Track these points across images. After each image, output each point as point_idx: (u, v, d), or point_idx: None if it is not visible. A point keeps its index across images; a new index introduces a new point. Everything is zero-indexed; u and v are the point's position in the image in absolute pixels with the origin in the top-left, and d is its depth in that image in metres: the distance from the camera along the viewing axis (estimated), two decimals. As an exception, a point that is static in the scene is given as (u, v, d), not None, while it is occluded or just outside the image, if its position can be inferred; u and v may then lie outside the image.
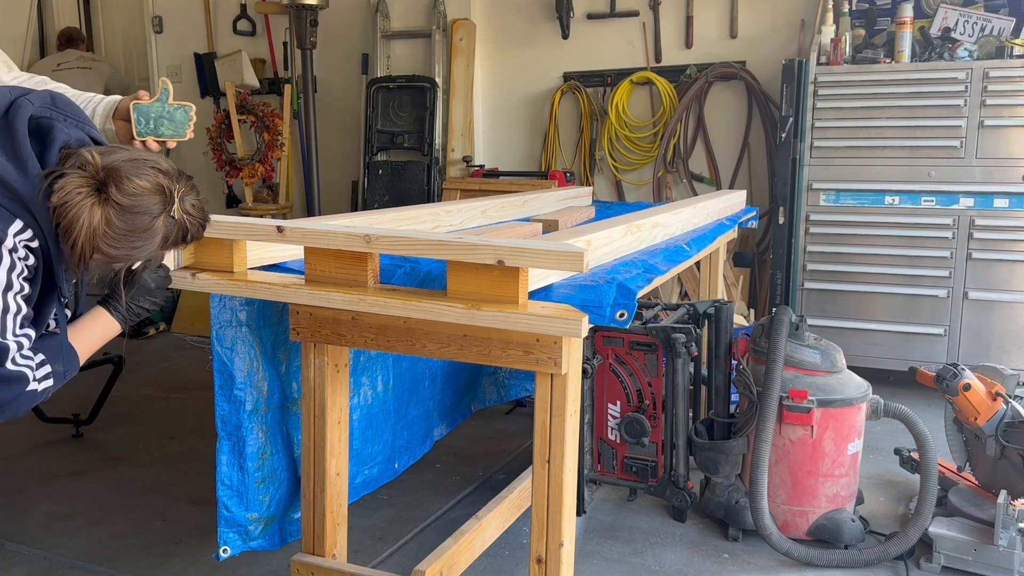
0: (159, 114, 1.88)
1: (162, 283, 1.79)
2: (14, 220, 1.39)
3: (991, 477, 2.64)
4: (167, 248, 1.55)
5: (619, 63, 5.27)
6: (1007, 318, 4.03)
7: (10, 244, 1.39)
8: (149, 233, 1.47)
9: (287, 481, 2.24)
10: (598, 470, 2.91)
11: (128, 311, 1.71)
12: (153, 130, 1.89)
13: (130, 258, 1.52)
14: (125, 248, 1.46)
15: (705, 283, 3.83)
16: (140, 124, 1.85)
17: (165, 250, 1.56)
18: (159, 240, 1.50)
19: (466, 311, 1.70)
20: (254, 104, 5.89)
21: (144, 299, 1.75)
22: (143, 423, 3.87)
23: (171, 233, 1.51)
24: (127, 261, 1.54)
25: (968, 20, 4.17)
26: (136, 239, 1.46)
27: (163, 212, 1.47)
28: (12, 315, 1.42)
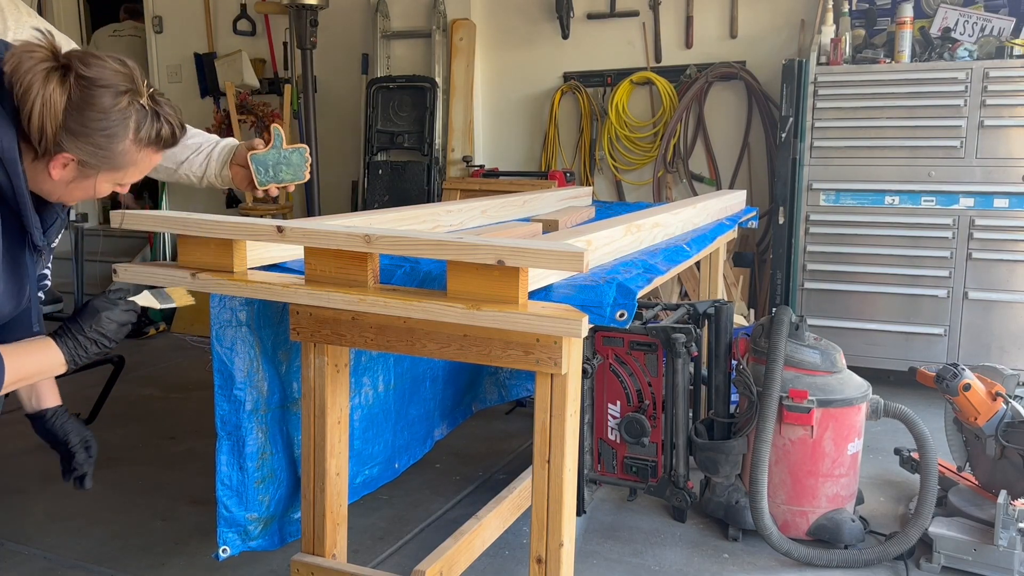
0: (276, 160, 1.89)
1: (124, 319, 1.58)
2: None
3: (991, 477, 2.64)
4: (141, 145, 1.42)
5: (619, 63, 5.27)
6: (1007, 318, 4.03)
7: None
8: (118, 113, 1.36)
9: (287, 481, 2.24)
10: (598, 470, 2.91)
11: (77, 346, 1.50)
12: (273, 177, 1.91)
13: (103, 152, 1.38)
14: (94, 132, 1.35)
15: (705, 283, 3.83)
16: (260, 173, 1.88)
17: (140, 147, 1.42)
18: (131, 127, 1.38)
19: (466, 311, 1.70)
20: (254, 104, 5.90)
21: (99, 335, 1.52)
22: (143, 423, 3.87)
23: (143, 122, 1.40)
24: (100, 159, 1.39)
25: (968, 20, 4.17)
26: (104, 119, 1.35)
27: (130, 91, 1.38)
28: None
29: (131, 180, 1.50)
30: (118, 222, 1.98)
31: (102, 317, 1.53)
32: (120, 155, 1.41)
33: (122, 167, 1.43)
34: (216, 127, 5.94)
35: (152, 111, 1.42)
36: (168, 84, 6.69)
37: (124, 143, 1.39)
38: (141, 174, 1.50)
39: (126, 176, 1.47)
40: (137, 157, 1.44)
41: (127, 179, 1.48)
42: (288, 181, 1.92)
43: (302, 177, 1.94)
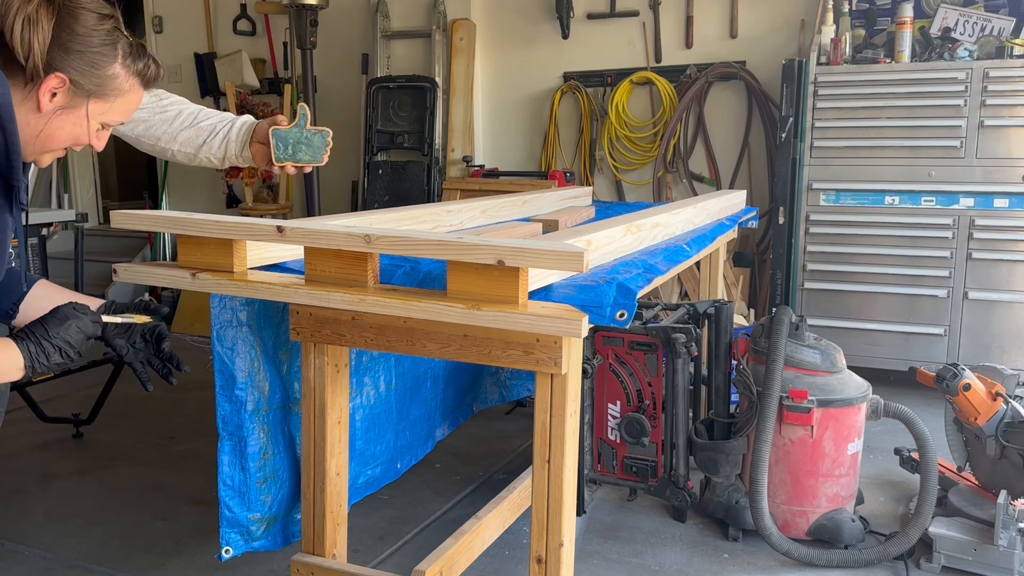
0: (297, 139, 1.87)
1: (92, 331, 1.50)
2: None
3: (991, 477, 2.64)
4: (130, 73, 1.41)
5: (619, 63, 5.27)
6: (1007, 318, 4.03)
7: None
8: (106, 34, 1.36)
9: (289, 481, 2.24)
10: (598, 470, 2.91)
11: (40, 352, 1.41)
12: (292, 155, 1.89)
13: (96, 72, 1.36)
14: (86, 49, 1.34)
15: (705, 283, 3.83)
16: (279, 150, 1.85)
17: (128, 75, 1.41)
18: (120, 51, 1.38)
19: (466, 311, 1.70)
20: (254, 104, 5.90)
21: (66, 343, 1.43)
22: (143, 423, 3.87)
23: (129, 51, 1.40)
24: (93, 80, 1.37)
25: (968, 20, 4.18)
26: (94, 37, 1.35)
27: (113, 19, 1.39)
28: None
29: (115, 119, 1.46)
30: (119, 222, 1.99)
31: (71, 325, 1.45)
32: (111, 79, 1.39)
33: (111, 95, 1.41)
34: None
35: (138, 46, 1.43)
36: (168, 84, 6.69)
37: (115, 66, 1.39)
38: (124, 115, 1.48)
39: (112, 110, 1.44)
40: (125, 86, 1.42)
41: (112, 115, 1.45)
42: (306, 162, 1.90)
43: (320, 160, 1.92)
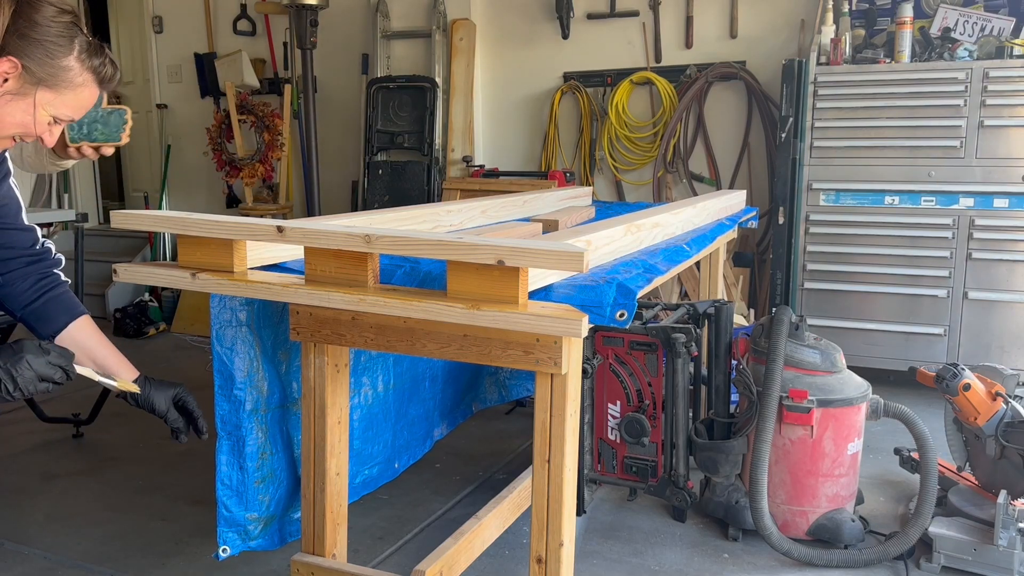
0: (92, 119, 1.79)
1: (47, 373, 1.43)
2: None
3: (991, 477, 2.64)
4: (84, 67, 1.43)
5: (619, 63, 5.27)
6: (1007, 318, 4.03)
7: None
8: (62, 26, 1.39)
9: (287, 481, 2.24)
10: (598, 470, 2.91)
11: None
12: (86, 135, 1.81)
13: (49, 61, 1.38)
14: (42, 37, 1.36)
15: (705, 283, 3.83)
16: (72, 130, 1.77)
17: (83, 70, 1.43)
18: (76, 46, 1.41)
19: (466, 311, 1.70)
20: (254, 104, 5.90)
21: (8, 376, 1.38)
22: (143, 423, 3.87)
23: (86, 46, 1.43)
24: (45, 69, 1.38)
25: (968, 20, 4.18)
26: (50, 28, 1.37)
27: (72, 14, 1.41)
28: None
29: (66, 112, 1.47)
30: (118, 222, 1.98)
31: (24, 359, 1.40)
32: (64, 71, 1.41)
33: (62, 87, 1.43)
34: (216, 127, 5.94)
35: (96, 45, 1.46)
36: (168, 84, 6.70)
37: (69, 59, 1.41)
38: (76, 110, 1.49)
39: (63, 103, 1.45)
40: (78, 80, 1.44)
41: (63, 108, 1.46)
42: (102, 141, 1.80)
43: (118, 139, 1.82)
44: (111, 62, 1.49)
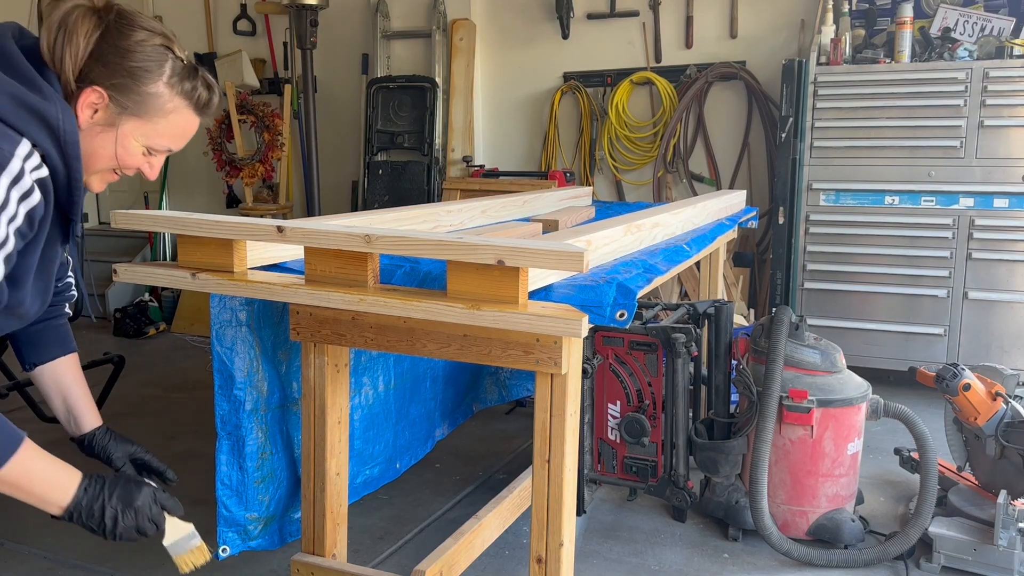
0: None
1: (145, 526, 1.38)
2: (20, 140, 1.16)
3: (991, 477, 2.64)
4: (175, 92, 1.32)
5: (619, 63, 5.27)
6: (1007, 318, 4.03)
7: (14, 170, 1.14)
8: (152, 49, 1.29)
9: (287, 481, 2.24)
10: (598, 470, 2.91)
11: (92, 503, 1.34)
12: None
13: (134, 87, 1.28)
14: (125, 61, 1.27)
15: (705, 283, 3.83)
16: None
17: (173, 94, 1.32)
18: (166, 70, 1.30)
19: (466, 311, 1.70)
20: (254, 104, 5.90)
21: (116, 514, 1.35)
22: (143, 423, 3.87)
23: (178, 70, 1.32)
24: (131, 96, 1.29)
25: (968, 20, 4.17)
26: (137, 51, 1.27)
27: (164, 36, 1.32)
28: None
29: (161, 142, 1.37)
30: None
31: (135, 507, 1.37)
32: (151, 98, 1.30)
33: (151, 115, 1.32)
34: (216, 127, 5.94)
35: (190, 67, 1.35)
36: (168, 84, 6.69)
37: (156, 84, 1.30)
38: (173, 139, 1.38)
39: (155, 132, 1.34)
40: (168, 106, 1.33)
41: (156, 138, 1.35)
42: None
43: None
44: (207, 85, 1.37)
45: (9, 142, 1.14)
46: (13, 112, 1.16)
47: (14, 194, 1.15)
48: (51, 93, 1.21)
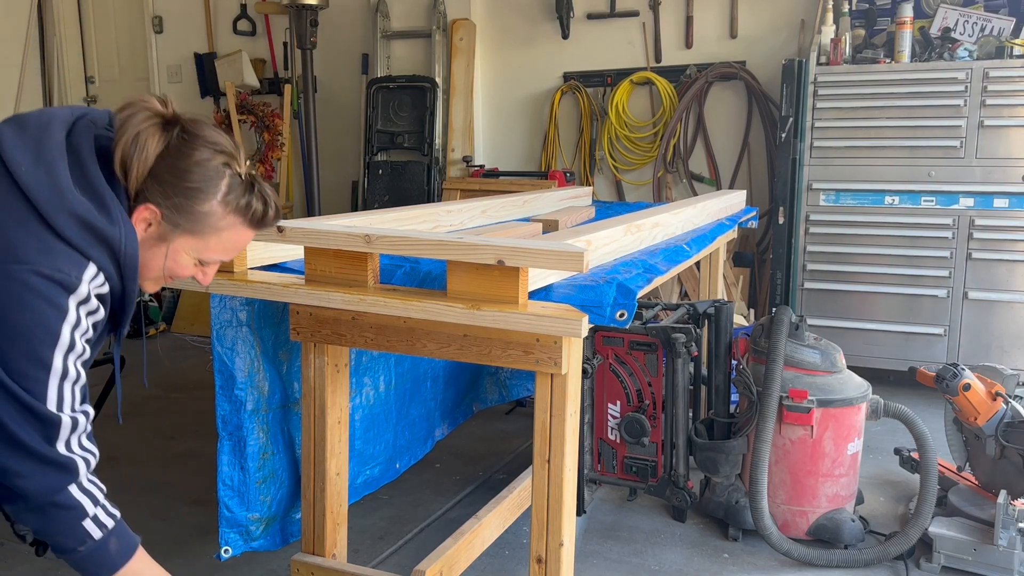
0: None
1: None
2: (87, 264, 1.20)
3: (991, 477, 2.64)
4: (228, 210, 1.31)
5: (619, 63, 5.27)
6: (1007, 318, 4.03)
7: (83, 293, 1.19)
8: (211, 169, 1.29)
9: (288, 481, 2.25)
10: (598, 470, 2.91)
11: None
12: None
13: (187, 207, 1.29)
14: (180, 182, 1.27)
15: (705, 283, 3.83)
16: None
17: (226, 213, 1.32)
18: (221, 189, 1.30)
19: (466, 311, 1.70)
20: (254, 104, 5.90)
21: None
22: (143, 423, 3.87)
23: (234, 187, 1.31)
24: (183, 215, 1.29)
25: (968, 20, 4.18)
26: (195, 172, 1.28)
27: (227, 154, 1.31)
28: (72, 383, 1.21)
29: (213, 256, 1.38)
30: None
31: None
32: (203, 216, 1.30)
33: (203, 232, 1.33)
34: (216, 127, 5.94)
35: (248, 182, 1.35)
36: (168, 84, 6.69)
37: (210, 203, 1.30)
38: (225, 252, 1.38)
39: (207, 247, 1.35)
40: (221, 224, 1.33)
41: (208, 252, 1.36)
42: None
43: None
44: (263, 199, 1.36)
45: (78, 267, 1.19)
46: (81, 236, 1.19)
47: (82, 311, 1.21)
48: (117, 214, 1.24)
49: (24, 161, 1.20)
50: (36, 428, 1.18)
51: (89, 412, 1.27)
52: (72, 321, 1.19)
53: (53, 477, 1.22)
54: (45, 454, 1.20)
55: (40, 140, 1.22)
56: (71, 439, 1.23)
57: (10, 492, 1.22)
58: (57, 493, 1.23)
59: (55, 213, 1.18)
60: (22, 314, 1.15)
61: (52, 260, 1.17)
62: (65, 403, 1.20)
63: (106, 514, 1.32)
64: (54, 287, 1.17)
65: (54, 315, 1.17)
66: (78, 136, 1.26)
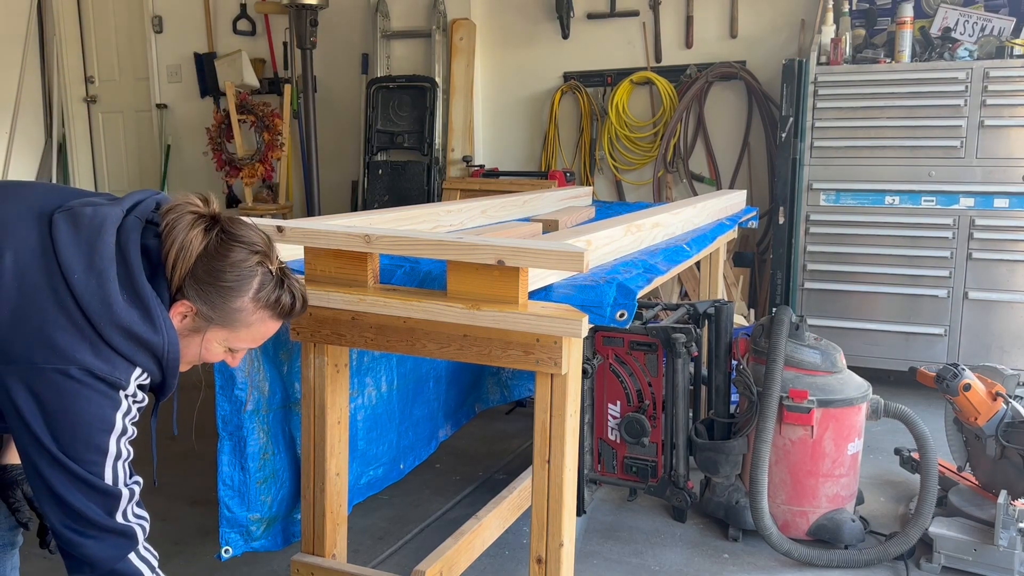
0: None
1: None
2: (134, 368, 1.33)
3: (991, 477, 2.64)
4: (259, 306, 1.42)
5: (619, 63, 5.27)
6: (1007, 318, 4.03)
7: (130, 391, 1.34)
8: (246, 270, 1.39)
9: (289, 481, 2.24)
10: (598, 470, 2.91)
11: None
12: None
13: (220, 304, 1.39)
14: (216, 282, 1.38)
15: (705, 283, 3.83)
16: None
17: (256, 308, 1.42)
18: (253, 287, 1.40)
19: (466, 311, 1.70)
20: (254, 104, 5.90)
21: None
22: (143, 423, 3.86)
23: (266, 284, 1.41)
24: (216, 311, 1.40)
25: (968, 20, 4.17)
26: (230, 272, 1.38)
27: (262, 253, 1.41)
28: (123, 461, 1.35)
29: (242, 345, 1.48)
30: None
31: None
32: (235, 312, 1.41)
33: (234, 326, 1.43)
34: (216, 127, 5.94)
35: (278, 278, 1.44)
36: (168, 84, 6.69)
37: (242, 300, 1.40)
38: (254, 341, 1.49)
39: (237, 338, 1.46)
40: (252, 319, 1.43)
41: (238, 342, 1.47)
42: None
43: None
44: (291, 293, 1.46)
45: (126, 371, 1.32)
46: (127, 346, 1.31)
47: (130, 401, 1.36)
48: (160, 322, 1.34)
49: (77, 268, 1.30)
50: (98, 503, 1.31)
51: (140, 482, 1.39)
52: (123, 410, 1.33)
53: (116, 544, 1.34)
54: (108, 524, 1.32)
55: (93, 245, 1.32)
56: (127, 509, 1.35)
57: (77, 562, 1.34)
58: (119, 560, 1.35)
59: (103, 325, 1.29)
60: (81, 406, 1.28)
61: (106, 364, 1.29)
62: (120, 479, 1.33)
63: (147, 555, 1.42)
64: (108, 386, 1.30)
65: (109, 407, 1.31)
66: (126, 237, 1.35)
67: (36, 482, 1.31)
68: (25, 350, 1.26)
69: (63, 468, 1.28)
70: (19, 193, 1.42)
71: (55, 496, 1.29)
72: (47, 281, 1.29)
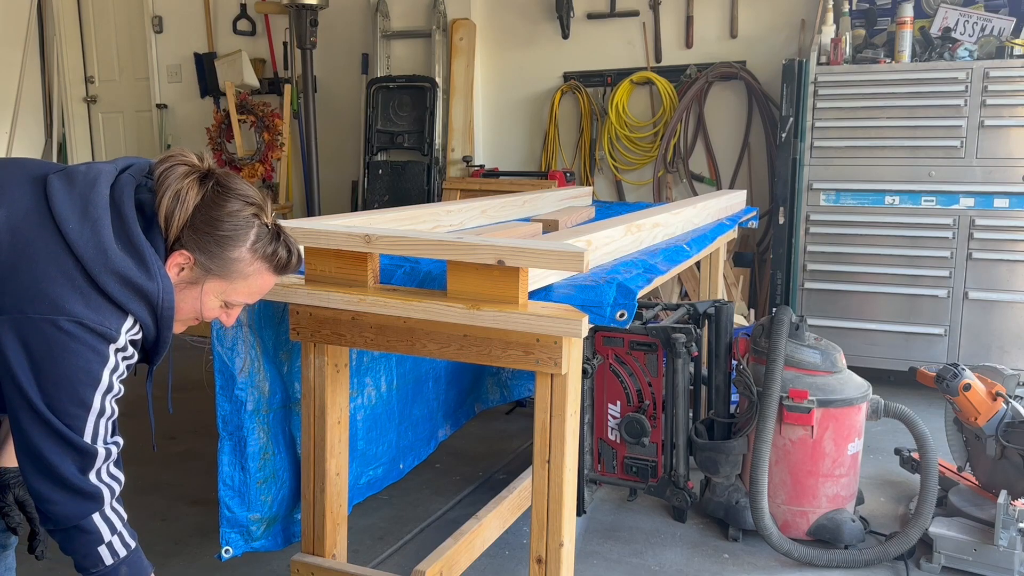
0: None
1: None
2: (127, 318, 1.33)
3: (991, 477, 2.64)
4: (255, 257, 1.42)
5: (619, 63, 5.27)
6: (1007, 318, 4.03)
7: (121, 343, 1.33)
8: (242, 220, 1.39)
9: (290, 481, 2.24)
10: (598, 470, 2.91)
11: None
12: None
13: (219, 254, 1.39)
14: (214, 231, 1.38)
15: (705, 283, 3.83)
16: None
17: (253, 259, 1.42)
18: (250, 237, 1.41)
19: (466, 311, 1.70)
20: (254, 104, 5.90)
21: None
22: (143, 423, 3.87)
23: (262, 236, 1.43)
24: (215, 261, 1.40)
25: (968, 20, 4.18)
26: (228, 222, 1.38)
27: (256, 206, 1.42)
28: (106, 419, 1.36)
29: (239, 299, 1.48)
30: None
31: None
32: (233, 262, 1.41)
33: (232, 277, 1.43)
34: (216, 127, 5.94)
35: (274, 232, 1.45)
36: (168, 84, 6.69)
37: (240, 250, 1.41)
38: (250, 295, 1.49)
39: (234, 290, 1.46)
40: (249, 270, 1.44)
41: (235, 295, 1.47)
42: None
43: None
44: (287, 248, 1.48)
45: (118, 320, 1.32)
46: (121, 292, 1.30)
47: (119, 356, 1.34)
48: (155, 270, 1.33)
49: (72, 218, 1.30)
50: (74, 459, 1.32)
51: (119, 442, 1.40)
52: (111, 366, 1.32)
53: (81, 505, 1.34)
54: (78, 484, 1.32)
55: (87, 197, 1.32)
56: (102, 468, 1.36)
57: (43, 515, 1.35)
58: (81, 519, 1.35)
59: (99, 271, 1.28)
60: (68, 359, 1.28)
61: (96, 314, 1.29)
62: (99, 436, 1.34)
63: (121, 543, 1.41)
64: (98, 338, 1.29)
65: (97, 361, 1.30)
66: (120, 191, 1.35)
67: (17, 434, 1.31)
68: (17, 301, 1.26)
69: (43, 421, 1.28)
70: (16, 162, 1.43)
71: (32, 448, 1.29)
72: (39, 234, 1.29)
